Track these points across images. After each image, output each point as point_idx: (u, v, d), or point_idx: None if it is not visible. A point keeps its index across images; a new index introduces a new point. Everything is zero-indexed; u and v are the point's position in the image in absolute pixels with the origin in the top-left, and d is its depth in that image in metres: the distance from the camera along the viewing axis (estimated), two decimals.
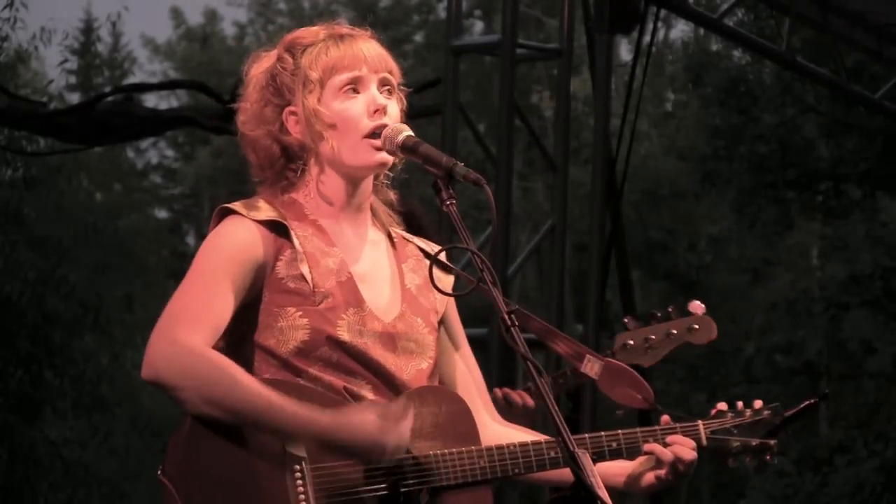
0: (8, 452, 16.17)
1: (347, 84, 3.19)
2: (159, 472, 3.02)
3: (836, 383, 21.48)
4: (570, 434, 2.89)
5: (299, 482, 3.02)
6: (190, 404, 2.97)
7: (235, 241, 3.10)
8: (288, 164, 3.21)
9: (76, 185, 20.28)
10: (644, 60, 9.11)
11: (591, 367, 3.85)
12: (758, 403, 3.49)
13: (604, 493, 2.87)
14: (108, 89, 21.08)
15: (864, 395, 20.51)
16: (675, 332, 4.19)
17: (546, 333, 4.05)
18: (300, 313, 3.10)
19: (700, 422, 3.41)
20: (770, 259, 24.13)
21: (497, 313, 2.97)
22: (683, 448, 3.34)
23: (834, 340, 20.46)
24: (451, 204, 3.08)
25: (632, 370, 3.77)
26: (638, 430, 3.35)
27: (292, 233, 3.14)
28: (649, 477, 3.35)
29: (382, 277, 3.25)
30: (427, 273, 3.26)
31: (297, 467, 3.03)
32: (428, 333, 3.26)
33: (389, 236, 3.32)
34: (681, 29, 29.70)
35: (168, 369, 2.96)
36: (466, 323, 3.42)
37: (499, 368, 7.52)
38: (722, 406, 3.47)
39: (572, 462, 2.87)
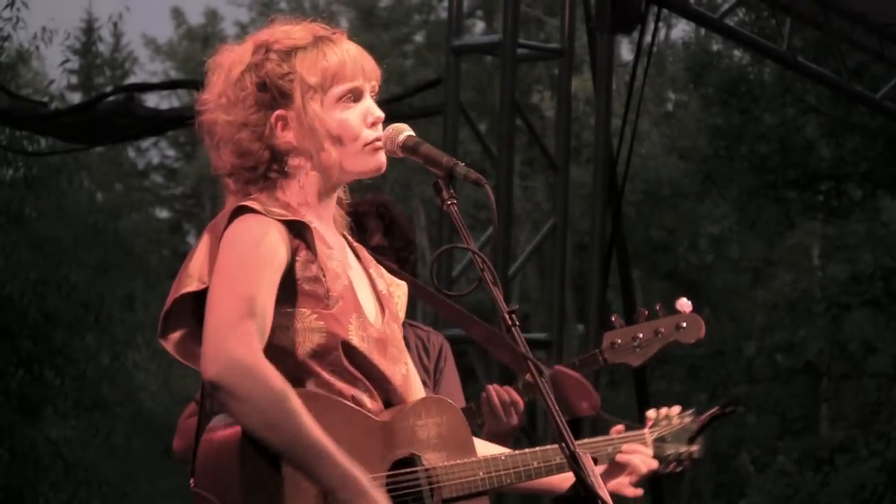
0: (9, 452, 16.20)
1: (348, 93, 3.14)
2: (193, 484, 2.96)
3: (837, 383, 21.48)
4: (571, 434, 2.89)
5: None
6: (243, 419, 2.88)
7: (269, 240, 3.01)
8: (271, 166, 3.13)
9: (77, 185, 20.25)
10: (645, 60, 9.11)
11: None
12: (675, 410, 3.68)
13: (604, 493, 2.87)
14: (109, 89, 21.12)
15: (865, 395, 20.49)
16: (663, 330, 4.19)
17: (490, 340, 4.03)
18: (315, 316, 3.05)
19: (646, 431, 3.63)
20: (771, 259, 24.12)
21: (498, 313, 2.97)
22: (646, 458, 3.59)
23: (835, 340, 20.43)
24: (452, 204, 3.07)
25: (579, 377, 3.76)
26: (600, 438, 3.53)
27: (313, 234, 3.08)
28: (612, 485, 3.53)
29: (363, 282, 3.22)
30: (386, 278, 3.28)
31: None
32: (402, 339, 3.25)
33: (346, 239, 3.28)
34: (682, 29, 29.71)
35: (236, 380, 2.87)
36: None
37: (499, 368, 7.51)
38: (652, 415, 3.67)
39: (573, 462, 2.88)
